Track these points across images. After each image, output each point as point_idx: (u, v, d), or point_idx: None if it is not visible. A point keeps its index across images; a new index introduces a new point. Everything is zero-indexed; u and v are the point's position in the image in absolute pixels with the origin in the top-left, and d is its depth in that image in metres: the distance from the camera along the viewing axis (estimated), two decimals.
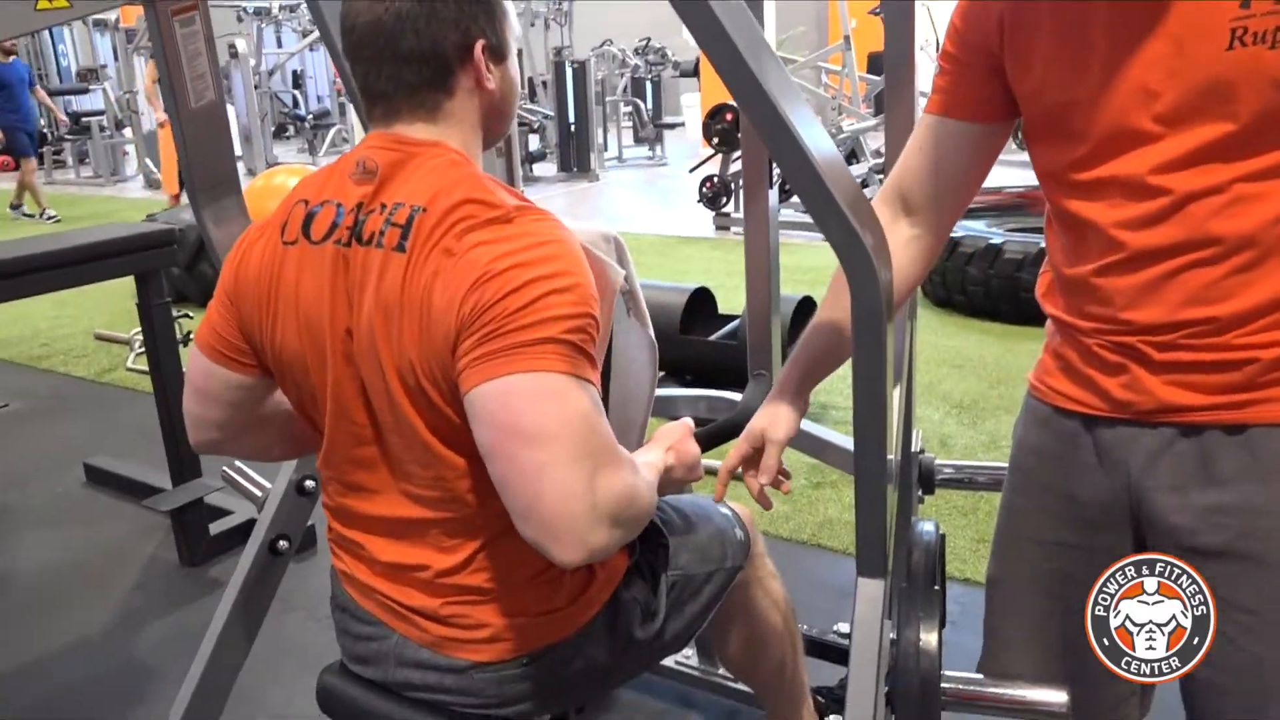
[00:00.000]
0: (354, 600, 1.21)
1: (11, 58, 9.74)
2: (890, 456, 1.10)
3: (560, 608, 1.15)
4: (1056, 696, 1.07)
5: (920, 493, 1.56)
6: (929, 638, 1.02)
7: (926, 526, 1.17)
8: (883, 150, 1.46)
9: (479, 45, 1.06)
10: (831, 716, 1.53)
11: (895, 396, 1.24)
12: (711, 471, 1.29)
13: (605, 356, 1.34)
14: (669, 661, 2.05)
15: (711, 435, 1.23)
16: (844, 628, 1.09)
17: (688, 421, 1.25)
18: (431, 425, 1.04)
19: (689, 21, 0.89)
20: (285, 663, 2.20)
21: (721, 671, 2.02)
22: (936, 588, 1.07)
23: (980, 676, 1.13)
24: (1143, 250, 0.99)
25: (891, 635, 1.13)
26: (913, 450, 1.52)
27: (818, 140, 0.94)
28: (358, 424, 1.10)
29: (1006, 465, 1.65)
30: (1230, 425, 1.00)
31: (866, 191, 1.35)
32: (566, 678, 1.17)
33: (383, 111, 1.08)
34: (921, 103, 1.33)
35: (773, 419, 1.19)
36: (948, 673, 1.13)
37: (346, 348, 1.06)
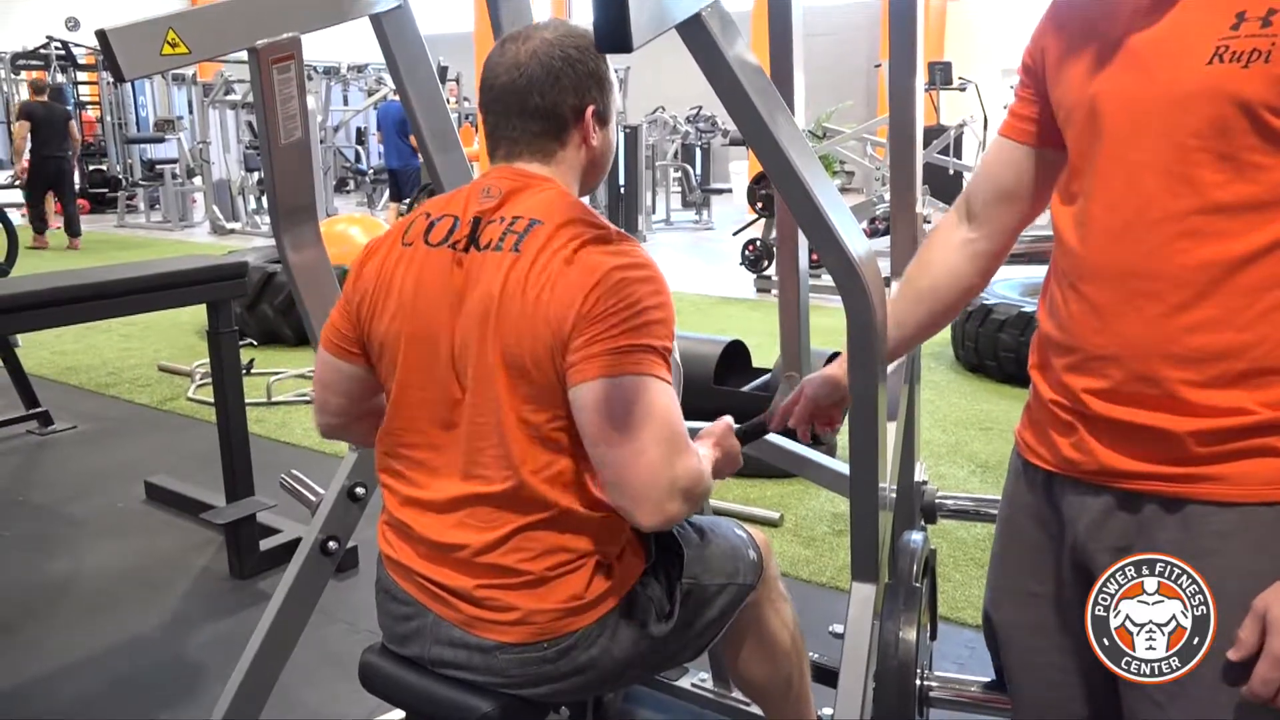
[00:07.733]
0: (396, 583, 1.35)
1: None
2: (884, 483, 1.23)
3: (582, 598, 1.27)
4: None
5: (922, 521, 1.67)
6: (909, 628, 1.13)
7: (915, 536, 1.29)
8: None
9: (590, 109, 1.30)
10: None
11: (891, 428, 1.37)
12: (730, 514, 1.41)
13: None
14: (685, 683, 2.15)
15: (746, 433, 1.45)
16: (838, 628, 1.21)
17: (728, 420, 1.42)
18: (515, 407, 1.21)
19: (711, 78, 1.05)
20: (325, 669, 2.34)
21: (735, 695, 2.11)
22: (918, 585, 1.18)
23: (965, 677, 1.23)
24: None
25: None
26: (916, 480, 1.64)
27: (821, 184, 1.09)
28: (446, 401, 1.26)
29: None
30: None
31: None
32: (584, 664, 1.30)
33: (505, 151, 1.32)
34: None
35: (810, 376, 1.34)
36: (938, 673, 1.24)
37: (449, 334, 1.24)
